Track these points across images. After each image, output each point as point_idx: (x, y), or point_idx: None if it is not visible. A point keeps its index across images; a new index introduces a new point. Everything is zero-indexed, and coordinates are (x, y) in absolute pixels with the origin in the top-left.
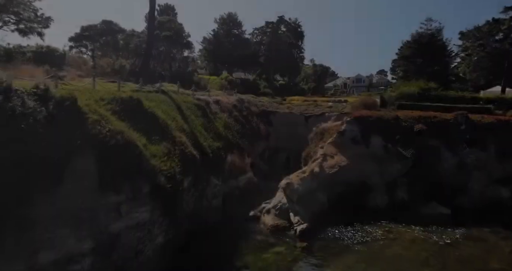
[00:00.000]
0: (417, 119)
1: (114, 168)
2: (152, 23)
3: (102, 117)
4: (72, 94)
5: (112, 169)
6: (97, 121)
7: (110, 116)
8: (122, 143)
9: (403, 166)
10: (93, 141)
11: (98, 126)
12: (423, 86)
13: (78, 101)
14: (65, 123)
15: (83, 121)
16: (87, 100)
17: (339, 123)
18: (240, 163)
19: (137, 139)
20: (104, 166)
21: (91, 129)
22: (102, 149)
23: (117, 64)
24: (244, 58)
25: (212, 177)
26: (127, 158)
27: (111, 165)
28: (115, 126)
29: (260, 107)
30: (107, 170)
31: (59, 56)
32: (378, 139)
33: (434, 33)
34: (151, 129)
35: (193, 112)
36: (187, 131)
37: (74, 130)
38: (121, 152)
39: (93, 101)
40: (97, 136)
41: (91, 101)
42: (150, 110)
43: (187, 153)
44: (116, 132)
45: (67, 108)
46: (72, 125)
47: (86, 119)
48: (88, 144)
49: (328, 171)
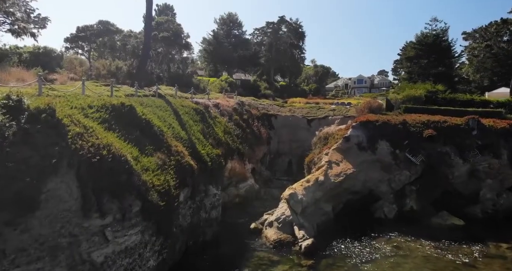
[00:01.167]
0: (426, 124)
1: (99, 187)
2: (149, 23)
3: (86, 130)
4: (50, 105)
5: (96, 188)
6: (80, 135)
7: (97, 127)
8: (108, 158)
9: (411, 174)
10: (74, 158)
11: (80, 140)
12: (430, 89)
13: (57, 112)
14: (41, 139)
15: (63, 136)
16: (71, 109)
17: (344, 127)
18: (240, 169)
19: (128, 151)
20: (87, 185)
21: (71, 145)
22: (85, 166)
23: (114, 66)
24: (245, 59)
25: (211, 186)
26: (114, 174)
27: (96, 183)
28: (101, 139)
29: (261, 110)
30: (91, 190)
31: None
32: (386, 145)
33: (439, 33)
34: (145, 139)
35: (191, 117)
36: (184, 139)
37: (52, 146)
38: (107, 168)
39: (79, 110)
40: (79, 152)
41: (76, 110)
42: (144, 117)
43: (184, 163)
44: (103, 146)
45: (43, 121)
46: (49, 141)
47: (66, 133)
48: (68, 162)
49: (333, 179)
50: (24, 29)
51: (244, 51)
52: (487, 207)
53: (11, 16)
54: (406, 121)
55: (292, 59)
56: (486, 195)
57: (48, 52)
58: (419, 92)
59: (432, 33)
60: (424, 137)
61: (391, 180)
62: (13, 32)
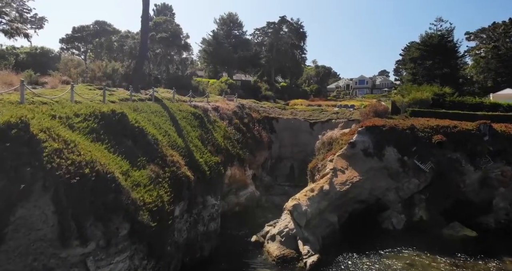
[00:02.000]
0: (435, 129)
1: (80, 210)
2: (146, 24)
3: (66, 145)
4: (22, 119)
5: (77, 212)
6: (58, 152)
7: (80, 141)
8: (91, 177)
9: (420, 181)
10: (50, 179)
11: (58, 158)
12: (437, 92)
13: (32, 126)
14: (10, 160)
15: (37, 154)
16: (52, 120)
17: (348, 131)
18: (240, 176)
19: (117, 166)
20: (66, 209)
21: (46, 164)
22: (62, 188)
23: (110, 67)
24: (245, 59)
25: (209, 196)
26: (99, 194)
27: (77, 206)
28: (84, 156)
29: (262, 113)
30: (70, 214)
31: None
32: (393, 151)
33: (444, 34)
34: (137, 149)
35: (189, 123)
36: (181, 147)
37: (23, 167)
38: (90, 188)
39: (63, 119)
40: (56, 172)
41: (57, 122)
42: (137, 125)
43: (180, 175)
44: (85, 164)
45: (13, 138)
46: (20, 161)
47: (42, 150)
48: (43, 184)
49: (339, 188)
50: (17, 29)
51: (245, 51)
52: (500, 217)
53: (4, 17)
54: (414, 126)
55: (293, 60)
56: (499, 204)
57: (45, 53)
58: (425, 95)
59: (437, 33)
60: (433, 142)
61: (399, 188)
62: (6, 33)
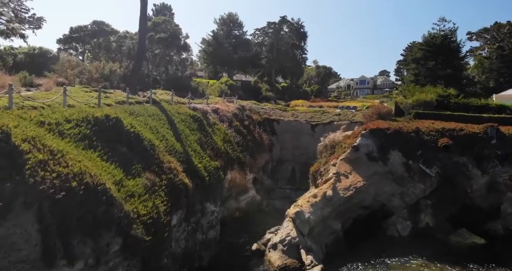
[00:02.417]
0: (440, 132)
1: (67, 227)
2: (144, 24)
3: (53, 156)
4: (3, 128)
5: (64, 229)
6: (43, 163)
7: (69, 150)
8: (80, 191)
9: (426, 186)
10: (33, 194)
11: (42, 171)
12: (441, 93)
13: (15, 135)
14: None
15: (18, 167)
16: (39, 127)
17: (351, 134)
18: (241, 180)
19: (109, 175)
20: (51, 226)
21: (29, 178)
22: (47, 203)
23: (107, 68)
24: (245, 60)
25: (208, 203)
26: (88, 208)
27: (63, 222)
28: (72, 167)
29: (262, 115)
30: (56, 231)
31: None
32: (398, 155)
33: (447, 34)
34: (133, 156)
35: (188, 126)
36: (179, 152)
37: (2, 182)
38: (78, 202)
39: (52, 126)
40: (40, 186)
41: (44, 129)
42: (132, 131)
43: (177, 182)
44: (73, 176)
45: None
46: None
47: (25, 162)
48: (25, 200)
49: (342, 194)
50: (13, 30)
51: (245, 52)
52: (508, 223)
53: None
54: (419, 129)
55: (293, 60)
56: (507, 210)
57: (43, 53)
58: (430, 96)
59: (440, 33)
60: (439, 146)
61: (404, 194)
62: (2, 34)
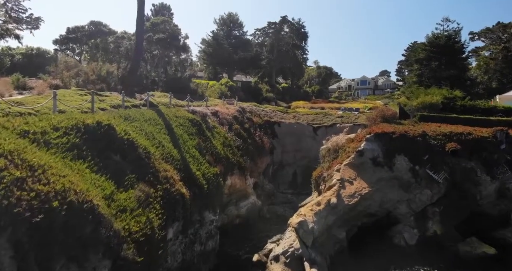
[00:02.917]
0: (448, 136)
1: (47, 252)
2: (141, 24)
3: (32, 172)
4: None
5: (43, 254)
6: (20, 181)
7: (53, 163)
8: (61, 211)
9: (434, 193)
10: (6, 218)
11: (18, 191)
12: (447, 95)
13: None
14: None
15: None
16: (20, 138)
17: (354, 137)
18: (241, 185)
19: (99, 188)
20: (28, 252)
21: (2, 200)
22: (24, 227)
23: (104, 70)
24: (245, 61)
25: (207, 212)
26: (72, 229)
27: (43, 247)
28: (54, 184)
29: (263, 118)
30: (34, 257)
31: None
32: (404, 160)
33: (451, 34)
34: (126, 165)
35: (187, 130)
36: (176, 159)
37: None
38: (61, 223)
39: (37, 135)
40: (14, 209)
41: (24, 141)
42: (126, 138)
43: (174, 192)
44: (54, 194)
45: None
46: None
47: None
48: None
49: (347, 201)
50: (7, 30)
51: (245, 52)
52: None
53: None
54: (425, 133)
55: (294, 61)
56: None
57: (41, 54)
58: (435, 99)
59: (443, 34)
60: (447, 151)
61: (410, 200)
62: None
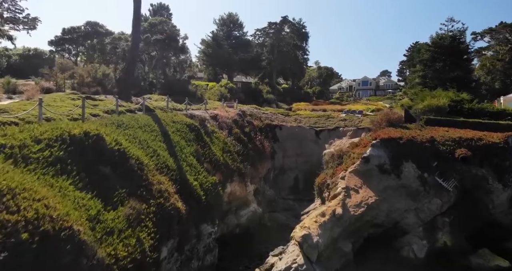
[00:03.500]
0: (457, 141)
1: None
2: (137, 25)
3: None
4: None
5: None
6: None
7: (27, 184)
8: (32, 244)
9: (443, 202)
10: None
11: None
12: (453, 98)
13: None
14: None
15: None
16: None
17: (358, 141)
18: (241, 193)
19: (83, 209)
20: None
21: None
22: None
23: (100, 72)
24: (246, 62)
25: (205, 224)
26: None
27: None
28: (25, 211)
29: (264, 121)
30: None
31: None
32: (412, 167)
33: (456, 34)
34: (116, 179)
35: (184, 136)
36: (172, 169)
37: None
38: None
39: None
40: None
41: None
42: (117, 148)
43: (168, 207)
44: (24, 224)
45: None
46: None
47: None
48: None
49: (353, 211)
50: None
51: (245, 53)
52: None
53: None
54: (434, 138)
55: (295, 61)
56: None
57: (39, 55)
58: (442, 101)
59: (448, 34)
60: (456, 157)
61: (419, 210)
62: None
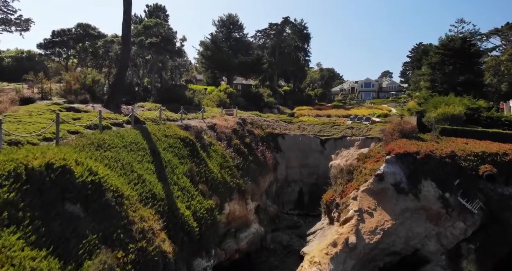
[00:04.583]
0: (480, 157)
1: None
2: (128, 28)
3: None
4: None
5: None
6: None
7: None
8: None
9: (468, 225)
10: None
11: None
12: (469, 105)
13: None
14: None
15: None
16: None
17: (366, 152)
18: (241, 212)
19: None
20: None
21: None
22: None
23: (89, 78)
24: (246, 64)
25: (199, 259)
26: None
27: None
28: None
29: (265, 129)
30: None
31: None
32: (431, 186)
33: (466, 36)
34: (87, 221)
35: (177, 153)
36: (159, 197)
37: None
38: None
39: None
40: None
41: None
42: (90, 180)
43: (152, 252)
44: None
45: None
46: None
47: None
48: None
49: (368, 239)
50: None
51: (246, 56)
52: None
53: None
54: (454, 153)
55: (296, 63)
56: None
57: (32, 57)
58: (458, 109)
59: (458, 36)
60: (480, 175)
61: (441, 235)
62: None
